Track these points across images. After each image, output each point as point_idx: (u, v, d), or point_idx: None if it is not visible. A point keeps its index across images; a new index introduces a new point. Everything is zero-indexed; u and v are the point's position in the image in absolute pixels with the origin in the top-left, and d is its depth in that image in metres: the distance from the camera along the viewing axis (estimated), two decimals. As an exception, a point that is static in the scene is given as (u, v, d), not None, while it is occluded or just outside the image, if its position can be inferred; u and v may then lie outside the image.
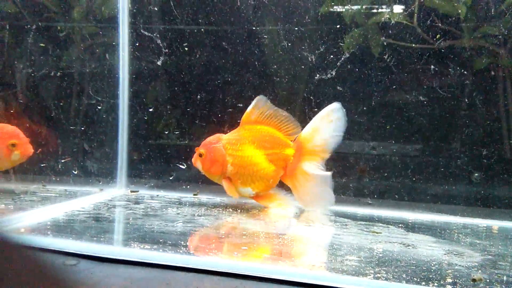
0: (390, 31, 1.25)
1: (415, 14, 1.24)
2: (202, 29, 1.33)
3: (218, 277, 0.71)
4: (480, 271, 0.74)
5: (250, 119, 1.15)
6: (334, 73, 1.27)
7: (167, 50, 1.32)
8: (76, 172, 1.17)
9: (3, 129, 1.11)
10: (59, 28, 1.20)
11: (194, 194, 1.32)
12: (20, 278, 0.48)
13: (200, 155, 1.14)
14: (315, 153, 1.12)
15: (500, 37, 1.21)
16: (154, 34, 1.33)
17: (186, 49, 1.34)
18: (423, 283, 0.67)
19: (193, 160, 1.16)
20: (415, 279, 0.69)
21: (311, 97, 1.29)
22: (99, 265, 0.75)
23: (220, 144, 1.14)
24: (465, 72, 1.24)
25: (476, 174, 1.30)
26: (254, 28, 1.31)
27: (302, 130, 1.14)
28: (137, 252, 0.77)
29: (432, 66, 1.25)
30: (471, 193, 1.25)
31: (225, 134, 1.17)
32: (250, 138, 1.13)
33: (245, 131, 1.15)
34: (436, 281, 0.68)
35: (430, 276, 0.71)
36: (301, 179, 1.12)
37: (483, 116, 1.25)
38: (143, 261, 0.75)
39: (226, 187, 1.14)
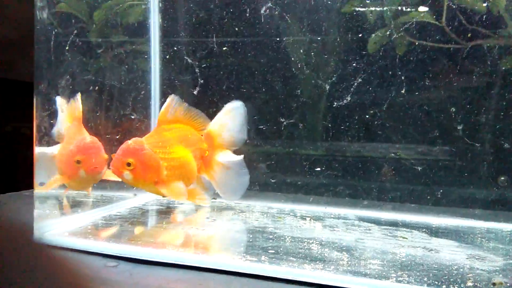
0: (416, 31, 1.26)
1: (444, 14, 1.24)
2: (231, 40, 1.38)
3: (247, 279, 0.76)
4: (501, 275, 0.76)
5: (166, 118, 1.14)
6: (357, 76, 1.29)
7: (197, 62, 1.38)
8: (112, 179, 1.24)
9: (77, 142, 1.09)
10: (94, 41, 1.28)
11: (213, 198, 1.36)
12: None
13: (129, 165, 1.05)
14: (224, 146, 1.21)
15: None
16: (184, 45, 1.39)
17: (215, 59, 1.39)
18: (444, 286, 0.70)
19: (114, 171, 1.06)
20: (436, 282, 0.72)
21: (332, 101, 1.32)
22: (138, 266, 0.81)
23: (149, 149, 1.07)
24: (492, 72, 1.24)
25: (502, 178, 1.30)
26: (278, 38, 1.36)
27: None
28: (172, 254, 0.82)
29: (459, 66, 1.25)
30: (497, 197, 1.25)
31: (139, 137, 1.11)
32: (176, 139, 1.13)
33: (166, 132, 1.13)
34: (457, 285, 0.71)
35: (451, 279, 0.73)
36: (217, 169, 1.19)
37: (510, 118, 1.25)
38: (177, 263, 0.81)
39: (171, 191, 1.09)
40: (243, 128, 1.23)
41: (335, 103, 1.32)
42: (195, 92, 1.39)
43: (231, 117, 1.22)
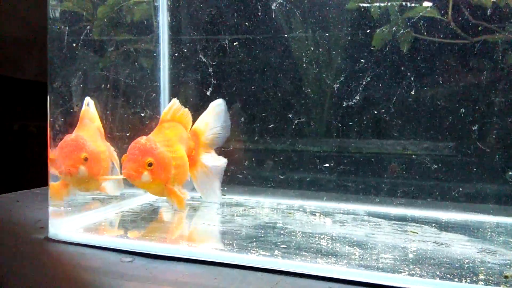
0: (421, 27, 1.26)
1: (449, 9, 1.24)
2: (240, 38, 1.39)
3: (260, 273, 0.77)
4: (512, 268, 0.77)
5: (166, 118, 1.15)
6: (363, 72, 1.29)
7: (206, 60, 1.39)
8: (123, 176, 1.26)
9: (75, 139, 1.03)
10: (102, 39, 1.30)
11: (223, 195, 1.37)
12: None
13: (150, 165, 0.99)
14: (208, 145, 1.22)
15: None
16: (193, 43, 1.40)
17: (224, 57, 1.40)
18: (456, 279, 0.71)
19: (131, 173, 0.98)
20: (449, 276, 0.73)
21: (340, 97, 1.33)
22: (153, 261, 0.83)
23: (161, 148, 1.04)
24: (499, 67, 1.24)
25: (510, 173, 1.30)
26: (286, 35, 1.36)
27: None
28: (186, 249, 0.84)
29: (465, 62, 1.25)
30: (505, 192, 1.25)
31: (145, 135, 1.08)
32: (176, 137, 1.12)
33: (167, 130, 1.12)
34: (469, 278, 0.72)
35: (463, 273, 0.74)
36: (201, 171, 1.19)
37: None
38: (192, 258, 0.82)
39: (177, 195, 1.05)
40: (226, 126, 1.23)
41: (343, 100, 1.32)
42: (205, 90, 1.40)
43: (214, 116, 1.22)
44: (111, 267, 0.81)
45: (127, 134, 1.31)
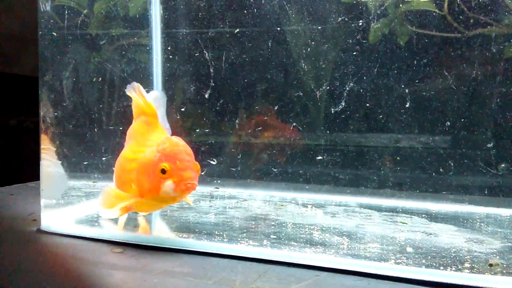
0: (418, 20, 1.26)
1: (445, 2, 1.24)
2: (232, 31, 1.39)
3: (250, 262, 0.78)
4: (498, 257, 0.78)
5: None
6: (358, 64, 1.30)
7: (197, 52, 1.40)
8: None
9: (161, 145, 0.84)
10: (95, 33, 1.30)
11: (216, 188, 1.37)
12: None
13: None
14: None
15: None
16: (186, 36, 1.40)
17: (216, 50, 1.40)
18: (442, 267, 0.72)
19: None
20: (434, 264, 0.74)
21: (334, 90, 1.33)
22: (143, 252, 0.84)
23: None
24: (495, 61, 1.24)
25: (503, 165, 1.31)
26: (279, 28, 1.36)
27: None
28: (176, 240, 0.84)
29: (461, 55, 1.26)
30: (497, 184, 1.26)
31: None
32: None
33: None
34: (454, 266, 0.73)
35: (449, 261, 0.75)
36: None
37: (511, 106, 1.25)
38: (182, 249, 0.83)
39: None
40: (164, 118, 1.08)
41: (336, 93, 1.33)
42: (198, 84, 1.40)
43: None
44: (102, 258, 0.82)
45: (120, 128, 1.31)
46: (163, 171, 0.80)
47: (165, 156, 0.82)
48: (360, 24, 1.29)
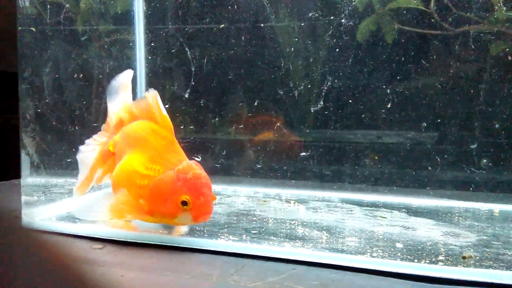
0: (405, 17, 1.27)
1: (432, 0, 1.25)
2: (215, 28, 1.39)
3: (228, 257, 0.79)
4: (472, 249, 0.80)
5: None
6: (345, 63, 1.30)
7: (181, 49, 1.40)
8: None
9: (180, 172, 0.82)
10: (79, 29, 1.29)
11: None
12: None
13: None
14: None
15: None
16: (169, 32, 1.40)
17: (200, 47, 1.41)
18: (416, 260, 0.73)
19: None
20: (409, 257, 0.75)
21: (319, 87, 1.34)
22: (123, 248, 0.84)
23: None
24: (480, 58, 1.25)
25: (484, 160, 1.33)
26: (265, 25, 1.37)
27: None
28: (155, 236, 0.85)
29: (448, 52, 1.27)
30: (477, 179, 1.28)
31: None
32: None
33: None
34: (429, 259, 0.74)
35: (424, 254, 0.77)
36: None
37: (494, 102, 1.27)
38: (162, 244, 0.83)
39: None
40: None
41: (319, 89, 1.34)
42: (182, 81, 1.40)
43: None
44: (83, 253, 0.82)
45: (102, 125, 1.31)
46: (184, 203, 0.80)
47: (187, 187, 0.81)
48: (347, 21, 1.30)
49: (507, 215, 1.11)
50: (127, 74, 1.07)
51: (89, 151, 1.06)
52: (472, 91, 1.28)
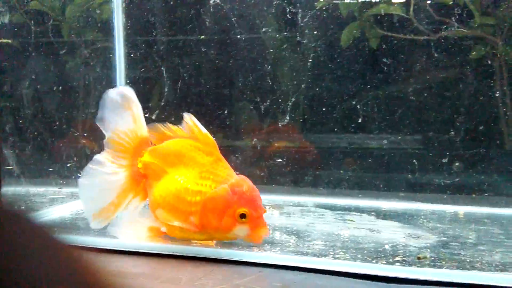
0: (386, 23, 1.31)
1: (411, 5, 1.29)
2: (195, 38, 1.43)
3: (199, 262, 0.83)
4: (429, 250, 0.85)
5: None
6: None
7: (161, 59, 1.44)
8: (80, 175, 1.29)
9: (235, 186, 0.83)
10: (61, 39, 1.32)
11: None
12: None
13: None
14: None
15: (496, 26, 1.26)
16: (149, 42, 1.44)
17: (180, 56, 1.45)
18: (374, 261, 0.78)
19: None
20: (368, 258, 0.80)
21: (302, 93, 1.38)
22: (98, 255, 0.87)
23: None
24: (460, 62, 1.30)
25: (457, 164, 1.39)
26: (249, 33, 1.40)
27: None
28: (129, 243, 0.89)
29: (428, 57, 1.31)
30: (447, 182, 1.33)
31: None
32: None
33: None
34: (386, 259, 0.79)
35: (383, 255, 0.81)
36: None
37: (473, 106, 1.31)
38: (138, 251, 0.87)
39: None
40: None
41: (295, 94, 1.38)
42: (161, 89, 1.44)
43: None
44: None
45: (84, 135, 1.34)
46: (243, 216, 0.81)
47: (245, 200, 0.82)
48: (333, 28, 1.33)
49: (470, 216, 1.16)
50: (128, 90, 0.97)
51: (105, 175, 0.94)
52: (447, 94, 1.33)
